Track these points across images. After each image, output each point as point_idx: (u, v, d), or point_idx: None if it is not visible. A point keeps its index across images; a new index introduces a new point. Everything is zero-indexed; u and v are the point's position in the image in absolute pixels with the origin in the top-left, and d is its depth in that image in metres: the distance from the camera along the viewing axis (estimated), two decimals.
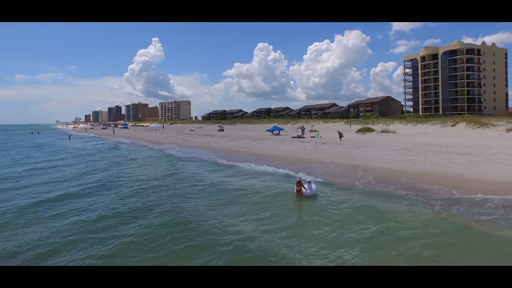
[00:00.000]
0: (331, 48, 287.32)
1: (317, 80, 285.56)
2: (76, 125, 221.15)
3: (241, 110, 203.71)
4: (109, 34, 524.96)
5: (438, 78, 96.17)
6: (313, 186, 15.91)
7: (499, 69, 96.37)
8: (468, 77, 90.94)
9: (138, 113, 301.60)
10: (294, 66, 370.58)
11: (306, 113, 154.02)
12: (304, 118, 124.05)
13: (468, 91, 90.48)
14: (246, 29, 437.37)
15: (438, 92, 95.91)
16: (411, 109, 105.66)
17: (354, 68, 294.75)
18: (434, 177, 16.77)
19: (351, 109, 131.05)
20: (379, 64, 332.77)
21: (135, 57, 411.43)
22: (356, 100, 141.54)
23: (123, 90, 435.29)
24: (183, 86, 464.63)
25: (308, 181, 16.17)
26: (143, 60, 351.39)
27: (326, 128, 63.93)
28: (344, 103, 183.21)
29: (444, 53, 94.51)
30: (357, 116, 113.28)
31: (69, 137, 79.41)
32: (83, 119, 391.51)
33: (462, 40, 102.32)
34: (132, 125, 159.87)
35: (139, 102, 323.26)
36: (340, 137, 40.07)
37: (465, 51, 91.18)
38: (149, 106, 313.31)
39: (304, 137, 45.88)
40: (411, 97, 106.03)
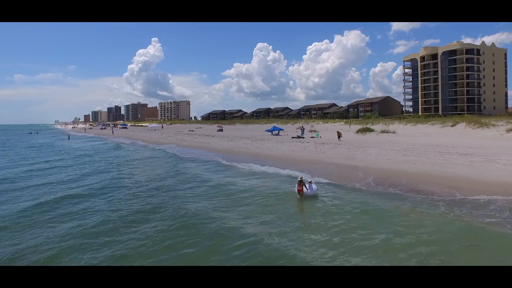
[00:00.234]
0: (331, 48, 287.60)
1: (316, 80, 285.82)
2: (75, 125, 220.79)
3: (240, 110, 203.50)
4: (109, 34, 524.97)
5: (437, 78, 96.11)
6: (314, 187, 15.89)
7: (498, 69, 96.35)
8: (467, 77, 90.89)
9: (138, 113, 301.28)
10: (293, 66, 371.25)
11: (306, 113, 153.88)
12: (303, 118, 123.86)
13: (467, 91, 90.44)
14: (245, 29, 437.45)
15: (438, 92, 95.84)
16: (411, 109, 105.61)
17: (353, 68, 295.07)
18: (436, 178, 16.61)
19: (351, 109, 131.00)
20: (378, 64, 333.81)
21: (134, 57, 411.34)
22: (355, 100, 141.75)
23: (123, 90, 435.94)
24: (182, 86, 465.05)
25: (309, 181, 16.15)
26: (143, 60, 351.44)
27: (325, 128, 63.81)
28: (343, 103, 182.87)
29: (444, 53, 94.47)
30: (356, 116, 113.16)
31: (68, 137, 79.26)
32: (82, 119, 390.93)
33: (462, 40, 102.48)
34: (131, 125, 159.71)
35: (138, 102, 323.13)
36: (338, 137, 40.22)
37: (464, 51, 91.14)
38: (148, 106, 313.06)
39: (304, 137, 45.74)
40: (410, 97, 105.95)
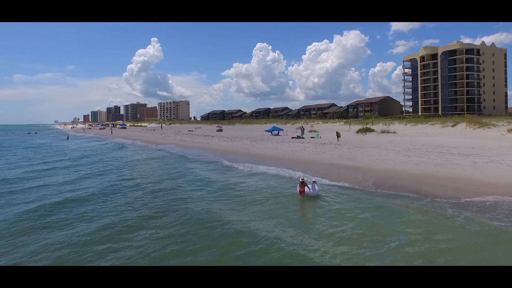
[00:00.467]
0: (330, 48, 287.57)
1: (316, 80, 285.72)
2: (75, 125, 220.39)
3: (240, 110, 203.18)
4: (108, 34, 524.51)
5: (437, 78, 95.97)
6: (316, 187, 15.71)
7: (498, 69, 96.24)
8: (467, 77, 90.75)
9: (137, 113, 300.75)
10: (293, 66, 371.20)
11: (305, 113, 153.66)
12: (303, 118, 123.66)
13: (467, 91, 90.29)
14: (245, 29, 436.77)
15: (438, 92, 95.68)
16: (411, 109, 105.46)
17: (353, 68, 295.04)
18: (439, 179, 16.33)
19: (350, 109, 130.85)
20: (378, 64, 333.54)
21: (134, 57, 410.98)
22: (355, 100, 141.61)
23: (122, 90, 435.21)
24: (182, 86, 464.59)
25: (312, 180, 15.97)
26: (142, 60, 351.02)
27: (325, 128, 63.56)
28: (343, 103, 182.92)
29: (444, 53, 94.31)
30: (356, 116, 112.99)
31: (67, 137, 78.89)
32: (81, 119, 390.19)
33: (461, 40, 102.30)
34: (130, 125, 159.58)
35: (137, 102, 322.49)
36: (337, 137, 40.07)
37: (464, 51, 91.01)
38: (148, 106, 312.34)
39: (303, 138, 45.47)
40: (410, 97, 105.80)
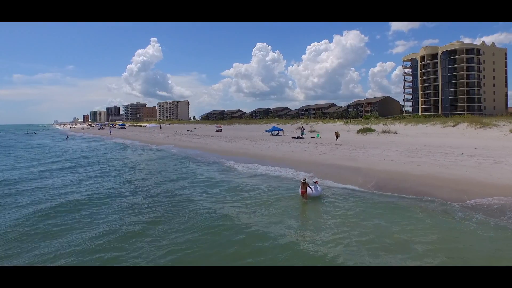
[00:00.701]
0: (330, 48, 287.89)
1: (315, 80, 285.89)
2: (74, 125, 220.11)
3: (239, 110, 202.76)
4: (108, 34, 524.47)
5: (437, 78, 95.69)
6: (319, 188, 15.41)
7: (498, 69, 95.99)
8: (467, 77, 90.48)
9: (137, 113, 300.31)
10: (292, 66, 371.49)
11: (305, 113, 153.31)
12: (303, 118, 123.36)
13: (467, 91, 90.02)
14: (244, 29, 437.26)
15: (438, 92, 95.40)
16: (411, 109, 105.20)
17: (352, 68, 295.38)
18: (444, 181, 15.95)
19: (350, 109, 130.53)
20: (377, 64, 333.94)
21: (133, 57, 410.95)
22: (355, 100, 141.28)
23: (122, 90, 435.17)
24: (181, 86, 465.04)
25: (314, 181, 15.69)
26: (142, 60, 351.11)
27: (325, 128, 63.22)
28: (342, 103, 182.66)
29: (444, 53, 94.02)
30: (356, 116, 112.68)
31: (67, 138, 78.52)
32: (81, 119, 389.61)
33: (461, 40, 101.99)
34: (129, 125, 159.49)
35: (137, 102, 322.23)
36: (336, 137, 39.73)
37: (464, 51, 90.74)
38: (147, 106, 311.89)
39: (303, 138, 45.12)
40: (410, 97, 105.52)
